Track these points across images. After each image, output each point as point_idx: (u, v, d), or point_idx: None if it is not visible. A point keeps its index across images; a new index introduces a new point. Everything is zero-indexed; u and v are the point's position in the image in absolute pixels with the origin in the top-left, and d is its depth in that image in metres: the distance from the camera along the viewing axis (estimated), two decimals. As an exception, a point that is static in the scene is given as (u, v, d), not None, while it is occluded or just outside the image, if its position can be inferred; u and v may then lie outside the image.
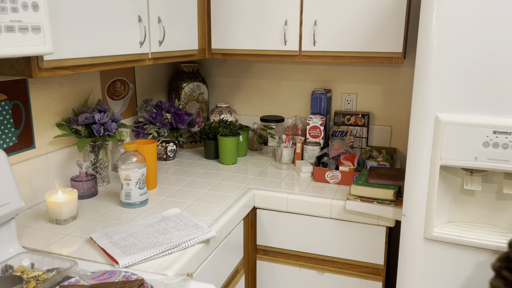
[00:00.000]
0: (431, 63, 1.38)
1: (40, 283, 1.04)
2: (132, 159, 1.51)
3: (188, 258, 1.20)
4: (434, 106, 1.40)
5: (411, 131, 1.47)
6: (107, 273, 1.06)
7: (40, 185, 1.56)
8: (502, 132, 1.33)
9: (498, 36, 1.30)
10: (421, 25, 1.40)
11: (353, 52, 1.87)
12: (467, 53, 1.34)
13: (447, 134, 1.38)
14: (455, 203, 1.51)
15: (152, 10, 1.59)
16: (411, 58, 2.10)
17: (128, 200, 1.52)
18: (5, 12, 0.94)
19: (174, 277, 1.07)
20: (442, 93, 1.39)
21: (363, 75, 2.22)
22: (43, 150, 1.57)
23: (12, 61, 1.17)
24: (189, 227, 1.33)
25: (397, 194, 1.74)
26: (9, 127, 1.44)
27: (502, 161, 1.35)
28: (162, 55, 1.69)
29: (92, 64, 1.34)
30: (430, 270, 1.51)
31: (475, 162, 1.38)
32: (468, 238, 1.43)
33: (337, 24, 1.85)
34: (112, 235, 1.27)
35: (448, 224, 1.50)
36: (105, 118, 1.65)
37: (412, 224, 1.50)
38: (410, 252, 1.52)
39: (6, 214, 1.14)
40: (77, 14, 1.24)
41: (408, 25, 1.89)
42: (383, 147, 2.21)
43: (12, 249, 1.18)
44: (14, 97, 1.44)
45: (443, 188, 1.46)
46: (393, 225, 1.77)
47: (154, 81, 2.29)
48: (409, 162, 1.48)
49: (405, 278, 1.55)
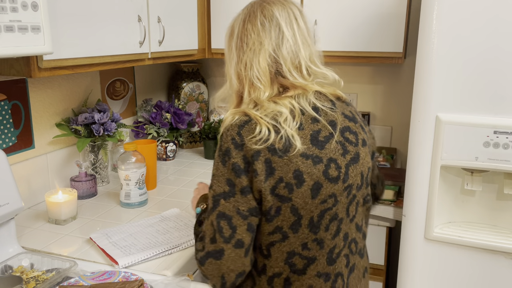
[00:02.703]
0: (431, 63, 1.38)
1: (40, 283, 1.04)
2: (132, 159, 1.51)
3: (188, 258, 1.20)
4: (435, 106, 1.40)
5: (412, 131, 1.47)
6: (106, 273, 1.05)
7: (39, 185, 1.56)
8: (503, 132, 1.33)
9: (499, 40, 1.30)
10: (422, 25, 1.39)
11: (353, 52, 1.86)
12: (468, 54, 1.34)
13: (447, 134, 1.38)
14: (455, 203, 1.51)
15: (152, 10, 1.59)
16: (412, 58, 2.09)
17: (127, 200, 1.52)
18: (5, 12, 0.94)
19: (174, 278, 1.07)
20: (442, 93, 1.38)
21: (363, 75, 2.22)
22: (42, 150, 1.57)
23: (12, 61, 1.17)
24: (189, 227, 1.33)
25: (397, 194, 1.74)
26: (9, 127, 1.43)
27: (503, 161, 1.35)
28: (161, 55, 1.68)
29: (92, 64, 1.34)
30: (430, 270, 1.50)
31: (475, 162, 1.38)
32: (468, 238, 1.43)
33: (337, 24, 1.85)
34: (112, 235, 1.27)
35: (449, 224, 1.50)
36: (104, 118, 1.65)
37: (412, 224, 1.50)
38: (411, 252, 1.52)
39: (6, 214, 1.14)
40: (76, 14, 1.24)
41: (409, 25, 1.89)
42: (383, 147, 2.21)
43: (11, 249, 1.17)
44: (14, 97, 1.44)
45: (443, 188, 1.46)
46: (394, 225, 1.77)
47: (153, 81, 2.28)
48: (409, 162, 1.48)
49: (405, 278, 1.55)
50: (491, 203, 1.48)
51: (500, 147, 1.34)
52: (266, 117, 0.94)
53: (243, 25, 1.01)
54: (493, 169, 1.37)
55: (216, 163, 0.94)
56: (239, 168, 0.91)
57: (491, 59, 1.32)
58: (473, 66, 1.34)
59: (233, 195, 0.91)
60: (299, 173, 0.92)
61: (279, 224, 0.94)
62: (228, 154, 0.92)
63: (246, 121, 0.93)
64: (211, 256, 0.92)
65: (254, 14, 1.00)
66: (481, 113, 1.36)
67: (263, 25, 0.99)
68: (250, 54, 0.99)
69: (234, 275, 0.92)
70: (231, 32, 1.05)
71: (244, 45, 1.00)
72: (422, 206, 1.46)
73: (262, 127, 0.92)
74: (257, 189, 0.91)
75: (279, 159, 0.91)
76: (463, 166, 1.42)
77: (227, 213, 0.91)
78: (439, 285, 1.50)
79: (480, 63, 1.33)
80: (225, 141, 0.93)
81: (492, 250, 1.41)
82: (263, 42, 0.98)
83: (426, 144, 1.42)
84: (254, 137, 0.91)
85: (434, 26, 1.36)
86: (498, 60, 1.31)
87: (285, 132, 0.92)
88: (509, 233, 1.43)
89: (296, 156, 0.92)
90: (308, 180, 0.92)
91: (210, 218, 0.93)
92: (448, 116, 1.38)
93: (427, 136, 1.42)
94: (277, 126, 0.93)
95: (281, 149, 0.91)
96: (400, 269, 1.58)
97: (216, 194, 0.93)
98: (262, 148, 0.91)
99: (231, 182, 0.92)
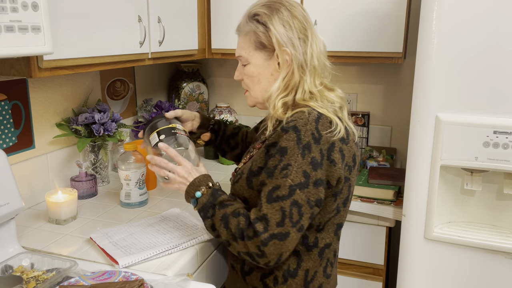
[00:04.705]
0: (431, 63, 1.38)
1: (40, 283, 1.04)
2: (132, 159, 1.51)
3: (188, 258, 1.20)
4: (435, 106, 1.40)
5: (412, 131, 1.47)
6: (107, 273, 1.05)
7: (40, 185, 1.56)
8: (503, 132, 1.33)
9: (499, 39, 1.30)
10: (422, 25, 1.39)
11: (353, 52, 1.86)
12: (468, 54, 1.34)
13: (447, 134, 1.38)
14: (455, 203, 1.51)
15: (152, 10, 1.59)
16: (412, 58, 2.09)
17: (128, 200, 1.52)
18: (5, 12, 0.94)
19: (174, 277, 1.07)
20: (442, 93, 1.38)
21: (363, 75, 2.22)
22: (43, 150, 1.57)
23: (12, 61, 1.17)
24: (189, 227, 1.33)
25: (397, 194, 1.74)
26: (9, 127, 1.44)
27: (503, 161, 1.35)
28: (162, 55, 1.68)
29: (92, 64, 1.34)
30: (430, 270, 1.50)
31: (475, 162, 1.38)
32: (468, 238, 1.43)
33: (337, 24, 1.85)
34: (112, 235, 1.27)
35: (448, 224, 1.50)
36: (105, 118, 1.65)
37: (412, 224, 1.50)
38: (410, 252, 1.52)
39: (6, 214, 1.14)
40: (77, 14, 1.24)
41: (409, 25, 1.89)
42: (383, 147, 2.21)
43: (12, 249, 1.18)
44: (14, 97, 1.44)
45: (443, 188, 1.46)
46: (393, 225, 1.77)
47: (154, 81, 2.29)
48: (409, 162, 1.48)
49: (405, 278, 1.55)
50: (491, 203, 1.48)
51: (500, 147, 1.34)
52: (328, 108, 1.10)
53: (293, 19, 1.12)
54: (493, 169, 1.37)
55: (294, 155, 1.02)
56: (316, 162, 1.02)
57: (491, 59, 1.32)
58: (473, 66, 1.34)
59: (307, 186, 1.01)
60: (355, 157, 1.12)
61: (338, 202, 1.10)
62: (308, 148, 1.02)
63: (319, 115, 1.06)
64: (275, 237, 1.00)
65: (295, 8, 1.14)
66: (481, 113, 1.36)
67: (306, 20, 1.14)
68: (313, 45, 1.12)
69: (287, 254, 1.03)
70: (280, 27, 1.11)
71: (304, 36, 1.12)
72: (422, 206, 1.46)
73: (334, 120, 1.07)
74: (336, 177, 1.05)
75: (346, 146, 1.09)
76: (463, 166, 1.42)
77: (300, 202, 1.01)
78: (439, 285, 1.50)
79: (480, 63, 1.33)
80: (305, 135, 1.03)
81: (492, 250, 1.41)
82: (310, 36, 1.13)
83: (426, 144, 1.42)
84: (330, 131, 1.05)
85: (434, 26, 1.36)
86: (497, 60, 1.31)
87: (345, 121, 1.11)
88: (509, 233, 1.43)
89: (353, 141, 1.13)
90: (357, 161, 1.14)
91: (280, 204, 1.01)
92: (448, 116, 1.38)
93: (427, 136, 1.42)
94: (339, 117, 1.10)
95: (346, 138, 1.09)
96: (400, 269, 1.58)
97: (294, 184, 1.01)
98: (336, 140, 1.05)
99: (307, 174, 1.01)
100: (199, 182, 1.14)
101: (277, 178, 1.02)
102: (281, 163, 1.02)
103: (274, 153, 1.05)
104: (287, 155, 1.02)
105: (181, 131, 1.25)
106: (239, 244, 1.04)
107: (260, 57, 1.15)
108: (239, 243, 1.04)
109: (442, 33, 1.35)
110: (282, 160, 1.03)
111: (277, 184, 1.02)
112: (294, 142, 1.02)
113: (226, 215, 1.07)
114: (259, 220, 1.02)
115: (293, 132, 1.03)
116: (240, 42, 1.19)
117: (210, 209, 1.10)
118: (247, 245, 1.02)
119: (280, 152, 1.03)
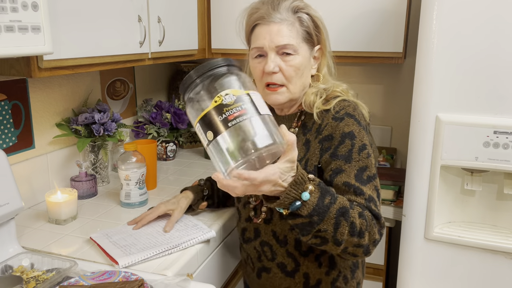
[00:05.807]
0: (431, 63, 1.38)
1: (40, 283, 1.04)
2: (132, 159, 1.51)
3: (188, 258, 1.20)
4: (435, 106, 1.40)
5: (412, 131, 1.47)
6: (107, 273, 1.05)
7: (39, 185, 1.56)
8: (503, 132, 1.33)
9: (499, 38, 1.30)
10: (422, 25, 1.39)
11: (353, 52, 1.86)
12: (468, 54, 1.34)
13: (447, 134, 1.38)
14: (455, 203, 1.51)
15: (152, 10, 1.59)
16: (412, 58, 2.09)
17: (128, 200, 1.52)
18: (5, 12, 0.94)
19: (174, 277, 1.07)
20: (442, 93, 1.38)
21: (363, 75, 2.21)
22: (42, 150, 1.57)
23: (12, 61, 1.17)
24: (189, 227, 1.33)
25: (397, 194, 1.74)
26: (9, 127, 1.43)
27: (503, 161, 1.35)
28: (162, 55, 1.68)
29: (92, 64, 1.34)
30: (430, 270, 1.50)
31: (475, 162, 1.38)
32: (468, 238, 1.43)
33: (337, 24, 1.85)
34: (112, 235, 1.27)
35: (449, 224, 1.50)
36: (105, 118, 1.65)
37: (412, 224, 1.50)
38: (411, 252, 1.52)
39: (6, 214, 1.14)
40: (76, 14, 1.24)
41: (409, 25, 1.89)
42: (383, 147, 2.21)
43: (11, 249, 1.17)
44: (14, 97, 1.44)
45: (443, 188, 1.46)
46: (393, 225, 1.77)
47: (154, 81, 2.28)
48: (409, 162, 1.48)
49: (405, 278, 1.55)
50: (491, 203, 1.48)
51: (500, 147, 1.34)
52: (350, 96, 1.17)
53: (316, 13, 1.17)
54: (493, 169, 1.37)
55: (364, 136, 1.07)
56: (372, 142, 1.13)
57: (491, 58, 1.32)
58: (473, 66, 1.34)
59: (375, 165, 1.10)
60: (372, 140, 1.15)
61: None
62: (366, 130, 1.10)
63: (355, 103, 1.13)
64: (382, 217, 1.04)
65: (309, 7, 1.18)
66: (481, 113, 1.36)
67: None
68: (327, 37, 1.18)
69: None
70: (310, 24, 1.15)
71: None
72: (422, 206, 1.46)
73: (360, 105, 1.14)
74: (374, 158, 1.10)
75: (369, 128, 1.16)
76: (463, 166, 1.41)
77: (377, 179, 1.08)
78: (439, 285, 1.50)
79: (480, 63, 1.33)
80: (359, 119, 1.09)
81: (492, 250, 1.41)
82: None
83: (426, 144, 1.42)
84: (364, 117, 1.11)
85: (434, 26, 1.36)
86: (498, 60, 1.31)
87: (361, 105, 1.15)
88: (509, 233, 1.43)
89: None
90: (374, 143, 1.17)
91: (373, 183, 1.04)
92: (448, 116, 1.38)
93: (427, 136, 1.42)
94: None
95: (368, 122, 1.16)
96: (400, 269, 1.58)
97: (375, 162, 1.08)
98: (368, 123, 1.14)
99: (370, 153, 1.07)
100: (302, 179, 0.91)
101: (359, 160, 1.04)
102: (356, 146, 1.05)
103: (341, 140, 1.05)
104: (357, 138, 1.06)
105: None
106: (365, 236, 0.95)
107: (306, 49, 1.13)
108: (365, 235, 0.95)
109: (442, 33, 1.35)
110: (354, 144, 1.05)
111: (364, 165, 1.04)
112: (356, 125, 1.06)
113: (345, 208, 0.94)
114: (369, 202, 1.00)
115: (349, 118, 1.07)
116: (284, 31, 1.08)
117: None
118: (371, 233, 0.96)
119: (348, 137, 1.05)
